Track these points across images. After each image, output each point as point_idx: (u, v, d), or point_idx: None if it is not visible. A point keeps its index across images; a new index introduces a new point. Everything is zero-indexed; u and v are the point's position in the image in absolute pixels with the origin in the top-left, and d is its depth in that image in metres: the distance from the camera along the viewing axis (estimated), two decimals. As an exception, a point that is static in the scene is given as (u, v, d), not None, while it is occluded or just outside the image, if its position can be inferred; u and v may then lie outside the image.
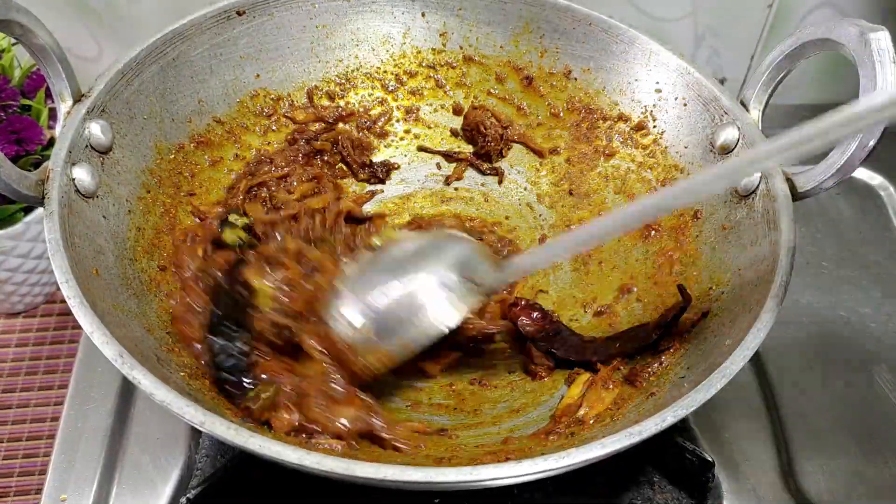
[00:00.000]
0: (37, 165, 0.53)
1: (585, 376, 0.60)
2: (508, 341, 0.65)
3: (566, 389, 0.61)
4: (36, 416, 0.77)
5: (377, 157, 0.78)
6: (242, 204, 0.66)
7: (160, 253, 0.61)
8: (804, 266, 0.83)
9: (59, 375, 0.80)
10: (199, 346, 0.54)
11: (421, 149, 0.79)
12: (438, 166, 0.78)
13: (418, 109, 0.78)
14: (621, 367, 0.59)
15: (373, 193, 0.76)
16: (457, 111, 0.78)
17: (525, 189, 0.77)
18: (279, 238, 0.63)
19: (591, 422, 0.55)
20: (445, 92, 0.78)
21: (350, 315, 0.55)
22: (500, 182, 0.77)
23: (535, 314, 0.61)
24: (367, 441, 0.53)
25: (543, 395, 0.61)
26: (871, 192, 0.91)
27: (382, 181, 0.76)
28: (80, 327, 0.45)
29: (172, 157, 0.65)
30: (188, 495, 0.56)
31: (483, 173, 0.78)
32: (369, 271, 0.58)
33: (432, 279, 0.56)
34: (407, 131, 0.79)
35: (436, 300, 0.55)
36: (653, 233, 0.68)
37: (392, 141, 0.79)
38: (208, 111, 0.69)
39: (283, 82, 0.74)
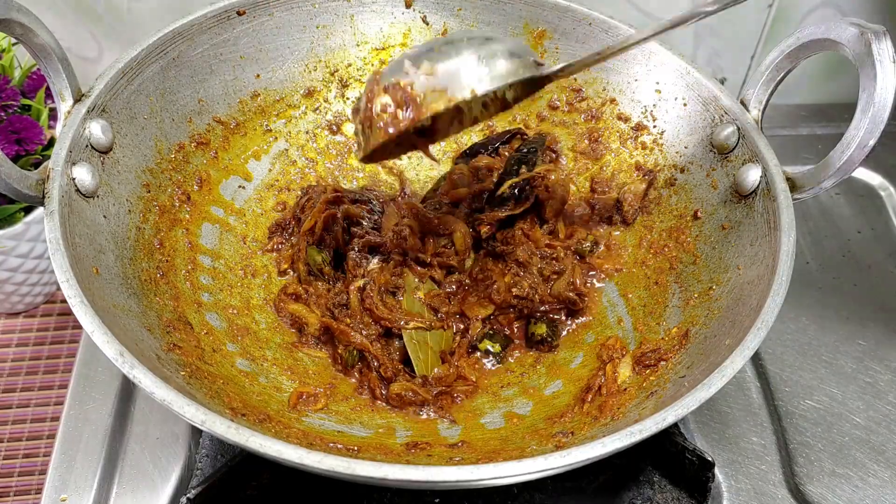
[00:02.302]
0: (37, 165, 0.54)
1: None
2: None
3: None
4: (36, 415, 0.77)
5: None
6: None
7: (160, 252, 0.61)
8: (804, 266, 0.83)
9: (59, 375, 0.80)
10: None
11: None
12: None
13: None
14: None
15: None
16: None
17: None
18: None
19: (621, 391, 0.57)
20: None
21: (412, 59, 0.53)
22: None
23: None
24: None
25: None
26: (871, 192, 0.91)
27: None
28: (80, 327, 0.45)
29: (173, 156, 0.65)
30: (188, 495, 0.56)
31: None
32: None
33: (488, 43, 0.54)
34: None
35: (491, 54, 0.53)
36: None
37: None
38: (208, 111, 0.69)
39: (284, 82, 0.74)
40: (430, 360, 0.61)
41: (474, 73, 0.52)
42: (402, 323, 0.62)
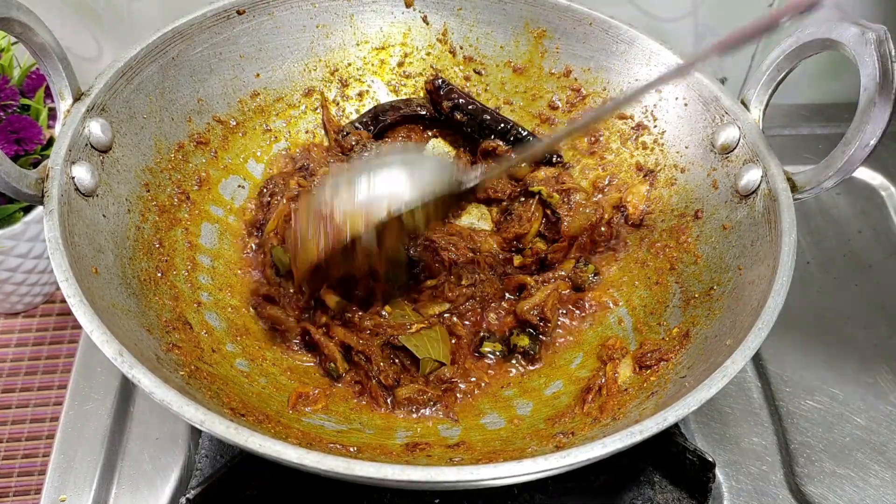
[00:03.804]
0: (36, 165, 0.53)
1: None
2: None
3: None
4: (35, 416, 0.77)
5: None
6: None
7: (159, 252, 0.61)
8: (804, 266, 0.83)
9: (58, 375, 0.80)
10: None
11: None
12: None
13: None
14: None
15: None
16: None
17: None
18: None
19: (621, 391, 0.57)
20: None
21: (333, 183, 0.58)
22: None
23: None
24: None
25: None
26: (871, 192, 0.91)
27: None
28: (79, 327, 0.45)
29: (172, 156, 0.65)
30: (188, 495, 0.56)
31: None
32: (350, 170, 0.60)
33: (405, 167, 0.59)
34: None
35: (408, 174, 0.57)
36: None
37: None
38: (208, 110, 0.69)
39: (284, 82, 0.74)
40: (439, 349, 0.62)
41: (386, 198, 0.56)
42: (406, 326, 0.62)
